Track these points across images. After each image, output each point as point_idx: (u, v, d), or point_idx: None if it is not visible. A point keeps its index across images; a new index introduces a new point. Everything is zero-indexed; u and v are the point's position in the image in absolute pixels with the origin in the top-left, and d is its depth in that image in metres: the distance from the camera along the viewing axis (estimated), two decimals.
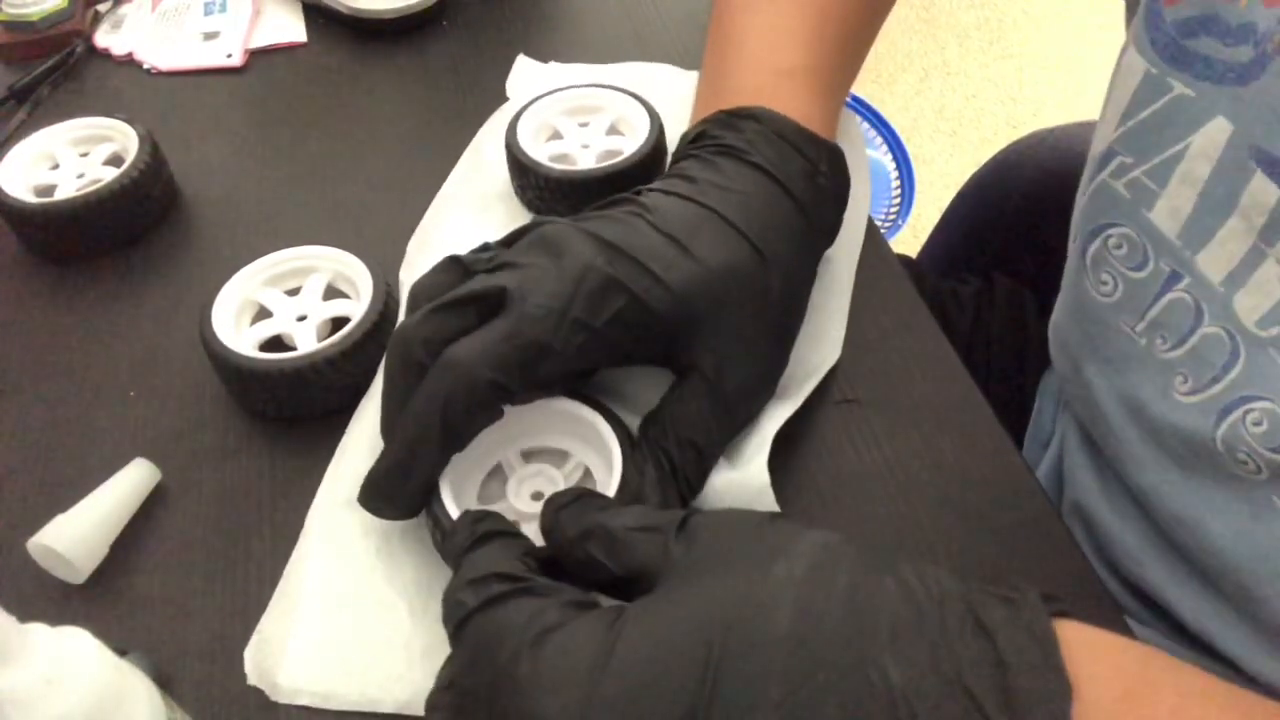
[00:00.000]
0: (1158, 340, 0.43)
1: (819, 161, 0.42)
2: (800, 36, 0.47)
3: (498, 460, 0.40)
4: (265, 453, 0.43)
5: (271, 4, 0.69)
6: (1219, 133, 0.38)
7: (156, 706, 0.27)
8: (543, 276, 0.37)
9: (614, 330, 0.37)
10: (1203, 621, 0.43)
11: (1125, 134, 0.42)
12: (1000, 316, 0.68)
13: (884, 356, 0.45)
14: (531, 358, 0.36)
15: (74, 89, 0.64)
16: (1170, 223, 0.41)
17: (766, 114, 0.43)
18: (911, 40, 1.96)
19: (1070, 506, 0.51)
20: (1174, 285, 0.41)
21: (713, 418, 0.38)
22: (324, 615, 0.37)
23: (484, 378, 0.35)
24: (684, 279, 0.38)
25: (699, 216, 0.39)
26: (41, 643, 0.25)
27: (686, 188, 0.41)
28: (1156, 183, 0.41)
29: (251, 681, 0.36)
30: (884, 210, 1.56)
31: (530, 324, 0.36)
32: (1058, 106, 1.81)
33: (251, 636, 0.37)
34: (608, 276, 0.37)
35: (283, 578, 0.39)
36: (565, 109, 0.53)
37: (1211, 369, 0.39)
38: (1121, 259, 0.44)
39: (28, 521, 0.39)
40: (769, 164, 0.41)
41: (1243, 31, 0.36)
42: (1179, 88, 0.39)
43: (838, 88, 0.49)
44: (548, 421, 0.40)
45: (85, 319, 0.49)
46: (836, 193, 0.44)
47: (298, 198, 0.55)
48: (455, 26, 0.67)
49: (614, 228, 0.39)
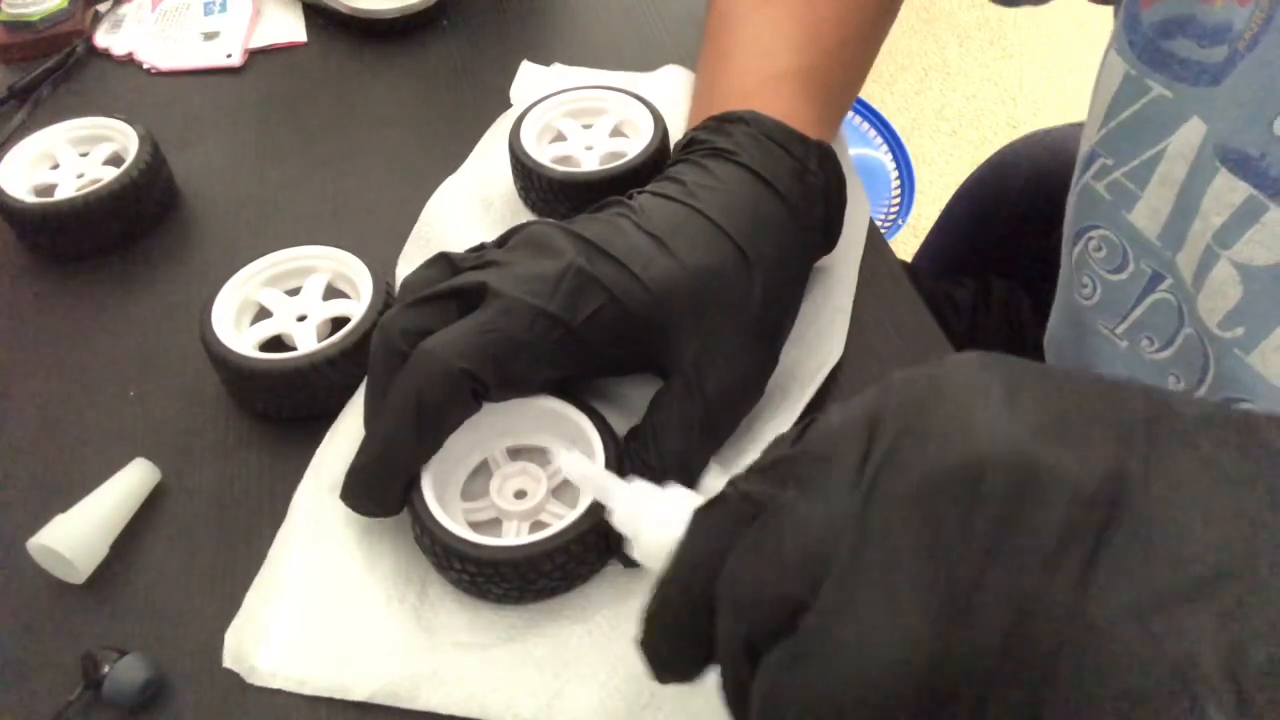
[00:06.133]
0: (1143, 342, 0.43)
1: (807, 159, 0.42)
2: (793, 41, 0.47)
3: (483, 457, 0.40)
4: (265, 453, 0.43)
5: (271, 4, 0.69)
6: (1194, 134, 0.38)
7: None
8: (523, 273, 0.37)
9: (592, 331, 0.37)
10: None
11: (1106, 135, 0.43)
12: (996, 320, 0.68)
13: (884, 357, 0.45)
14: (505, 352, 0.36)
15: (74, 89, 0.64)
16: (1150, 224, 0.41)
17: (754, 116, 0.43)
18: (911, 40, 1.96)
19: None
20: (1157, 286, 0.41)
21: (695, 421, 0.37)
22: (303, 601, 0.37)
23: (456, 367, 0.35)
24: (662, 277, 0.37)
25: (682, 216, 0.39)
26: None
27: (675, 189, 0.41)
28: (1136, 184, 0.41)
29: (227, 663, 0.36)
30: (884, 210, 1.56)
31: (505, 318, 0.36)
32: (1058, 106, 1.81)
33: (234, 620, 0.37)
34: (587, 275, 0.37)
35: (265, 562, 0.39)
36: (568, 111, 0.53)
37: (1195, 371, 0.39)
38: (1100, 261, 0.44)
39: (28, 521, 0.39)
40: (755, 164, 0.41)
41: (1217, 32, 0.36)
42: (1157, 89, 0.39)
43: (835, 90, 0.48)
44: (535, 420, 0.40)
45: (85, 319, 0.49)
46: (828, 189, 0.43)
47: (298, 198, 0.55)
48: (455, 26, 0.67)
49: (598, 227, 0.39)
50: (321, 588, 0.38)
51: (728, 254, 0.39)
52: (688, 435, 0.37)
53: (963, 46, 1.95)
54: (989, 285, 0.70)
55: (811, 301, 0.46)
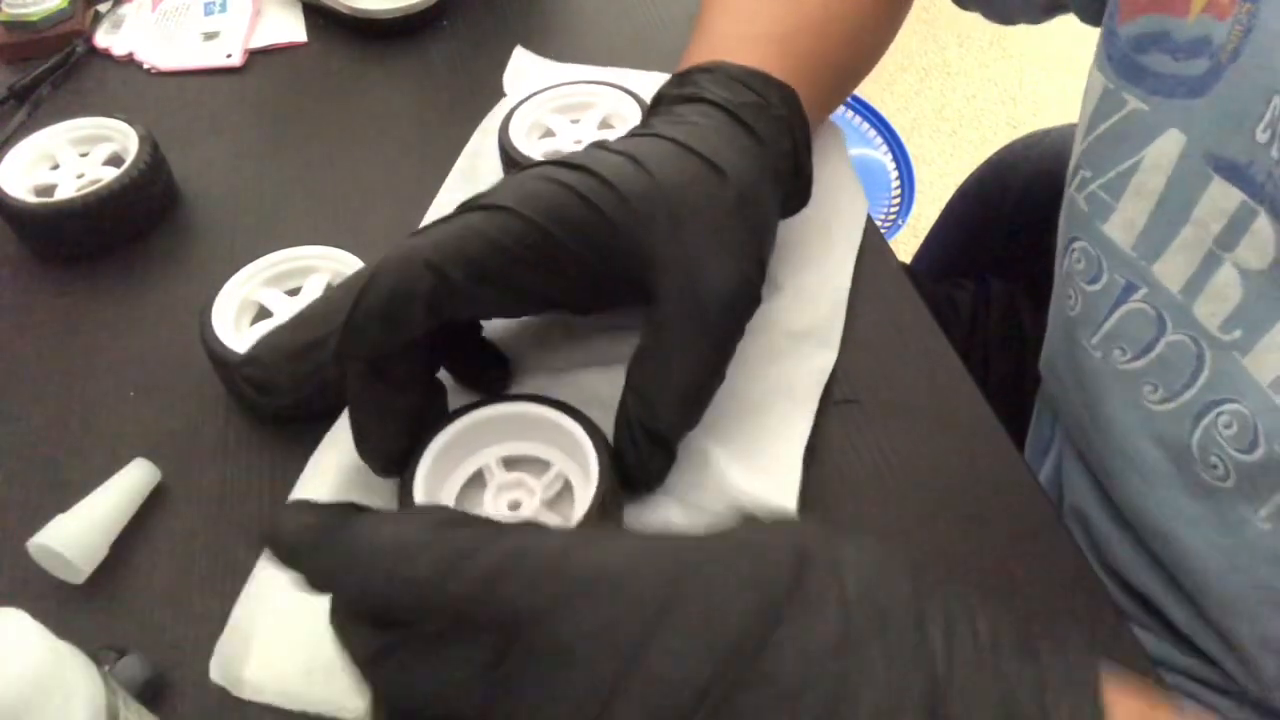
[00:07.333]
0: (1115, 352, 0.43)
1: (768, 95, 0.42)
2: (774, 11, 0.47)
3: (478, 467, 0.39)
4: (265, 453, 0.43)
5: (271, 4, 0.69)
6: (1172, 145, 0.38)
7: (96, 691, 0.26)
8: (501, 188, 0.37)
9: (570, 236, 0.36)
10: (1195, 629, 0.43)
11: (1087, 148, 0.43)
12: (996, 322, 0.68)
13: (884, 357, 0.45)
14: (479, 250, 0.35)
15: (74, 89, 0.64)
16: (1124, 235, 0.41)
17: (718, 64, 0.43)
18: (911, 40, 1.96)
19: (1070, 511, 0.51)
20: (1130, 296, 0.42)
21: (691, 330, 0.36)
22: (291, 615, 0.36)
23: (421, 257, 0.34)
24: (637, 186, 0.37)
25: (650, 142, 0.39)
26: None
27: (642, 130, 0.41)
28: (1111, 196, 0.42)
29: (214, 677, 0.35)
30: (884, 210, 1.56)
31: (481, 218, 0.35)
32: (1058, 106, 1.81)
33: (223, 631, 0.37)
34: (562, 184, 0.36)
35: (253, 571, 0.38)
36: (557, 107, 0.53)
37: (1181, 376, 0.40)
38: (1080, 273, 0.45)
39: (28, 521, 0.39)
40: (718, 98, 0.41)
41: (1194, 46, 0.37)
42: (1134, 102, 0.40)
43: (818, 64, 0.47)
44: (531, 429, 0.39)
45: (85, 319, 0.49)
46: (792, 124, 0.43)
47: (298, 198, 0.55)
48: (455, 26, 0.67)
49: (572, 155, 0.39)
50: (310, 602, 0.37)
51: (700, 167, 0.38)
52: (684, 349, 0.36)
53: (963, 46, 1.95)
54: (989, 286, 0.70)
55: (811, 299, 0.46)
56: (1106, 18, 0.41)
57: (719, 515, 0.37)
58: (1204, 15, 0.36)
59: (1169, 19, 0.38)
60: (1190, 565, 0.41)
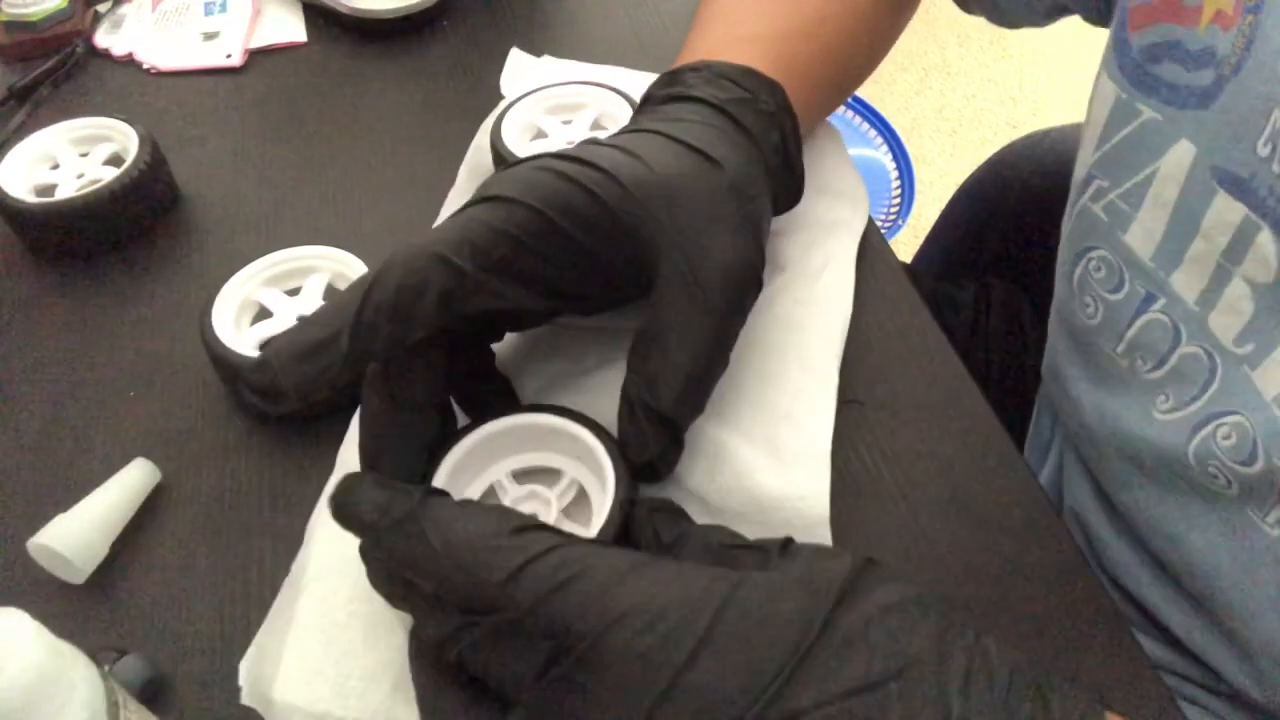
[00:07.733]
0: (1138, 361, 0.43)
1: (756, 91, 0.42)
2: (767, 12, 0.47)
3: (490, 483, 0.38)
4: (265, 453, 0.43)
5: (271, 4, 0.69)
6: (1184, 156, 0.38)
7: (96, 691, 0.26)
8: (500, 180, 0.37)
9: (573, 225, 0.36)
10: (1193, 636, 0.43)
11: (1101, 158, 0.43)
12: (997, 322, 0.68)
13: (885, 357, 0.45)
14: (484, 238, 0.35)
15: (74, 89, 0.64)
16: (1144, 245, 0.41)
17: (706, 63, 0.43)
18: (911, 40, 1.96)
19: (1070, 514, 0.51)
20: (1150, 306, 0.42)
21: (692, 307, 0.36)
22: (322, 632, 0.35)
23: (429, 251, 0.34)
24: (635, 177, 0.36)
25: (641, 138, 0.39)
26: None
27: (632, 127, 0.41)
28: (1131, 205, 0.41)
29: (245, 700, 0.35)
30: (884, 210, 1.56)
31: (485, 210, 0.35)
32: (1058, 106, 1.81)
33: (249, 649, 0.36)
34: (563, 174, 0.36)
35: (281, 590, 0.38)
36: (548, 108, 0.53)
37: (1192, 388, 0.40)
38: (1100, 282, 0.44)
39: (28, 521, 0.39)
40: (706, 95, 0.41)
41: (1203, 56, 0.37)
42: (1147, 112, 0.40)
43: (813, 65, 0.47)
44: (539, 440, 0.38)
45: (85, 319, 0.49)
46: (781, 123, 0.43)
47: (298, 198, 0.55)
48: (455, 26, 0.67)
49: (567, 149, 0.39)
50: (341, 619, 0.35)
51: (694, 159, 0.38)
52: (687, 328, 0.35)
53: (963, 46, 1.95)
54: (989, 286, 0.70)
55: (817, 274, 0.46)
56: (1117, 26, 0.41)
57: (741, 514, 0.37)
58: (1213, 25, 0.36)
59: (1180, 28, 0.37)
60: (1199, 569, 0.41)
